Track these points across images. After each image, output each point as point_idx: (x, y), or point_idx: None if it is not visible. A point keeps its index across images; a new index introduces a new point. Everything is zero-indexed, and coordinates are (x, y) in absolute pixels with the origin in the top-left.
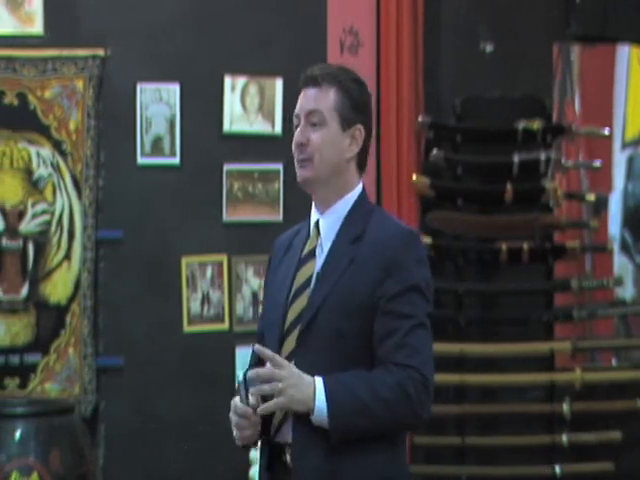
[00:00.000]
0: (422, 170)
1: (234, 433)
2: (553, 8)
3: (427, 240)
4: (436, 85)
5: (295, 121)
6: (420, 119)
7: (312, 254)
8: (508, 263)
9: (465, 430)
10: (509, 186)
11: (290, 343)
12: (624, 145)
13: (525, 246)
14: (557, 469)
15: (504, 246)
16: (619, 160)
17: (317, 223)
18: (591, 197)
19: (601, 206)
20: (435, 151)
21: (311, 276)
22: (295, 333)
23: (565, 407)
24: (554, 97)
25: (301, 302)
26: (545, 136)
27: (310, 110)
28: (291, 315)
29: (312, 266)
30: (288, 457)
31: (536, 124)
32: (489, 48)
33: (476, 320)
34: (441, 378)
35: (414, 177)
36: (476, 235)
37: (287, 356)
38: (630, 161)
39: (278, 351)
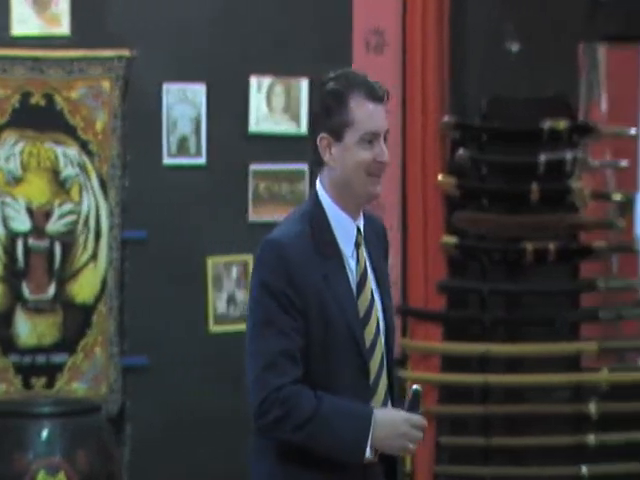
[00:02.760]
0: (447, 170)
1: (410, 447)
2: (578, 7)
3: (453, 240)
4: (462, 85)
5: (368, 137)
6: (445, 119)
7: (365, 265)
8: (534, 263)
9: (490, 430)
10: (535, 186)
11: (378, 356)
12: None
13: (551, 246)
14: (584, 470)
15: (530, 246)
16: None
17: (360, 230)
18: (617, 197)
19: (627, 206)
20: (460, 151)
21: (372, 289)
22: (379, 345)
23: (592, 407)
24: (580, 97)
25: (374, 316)
26: (571, 136)
27: (386, 129)
28: (370, 330)
29: (370, 278)
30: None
31: (562, 124)
32: (515, 48)
33: (501, 320)
34: (466, 378)
35: (439, 177)
36: (501, 235)
37: (377, 371)
38: None
39: (364, 369)
